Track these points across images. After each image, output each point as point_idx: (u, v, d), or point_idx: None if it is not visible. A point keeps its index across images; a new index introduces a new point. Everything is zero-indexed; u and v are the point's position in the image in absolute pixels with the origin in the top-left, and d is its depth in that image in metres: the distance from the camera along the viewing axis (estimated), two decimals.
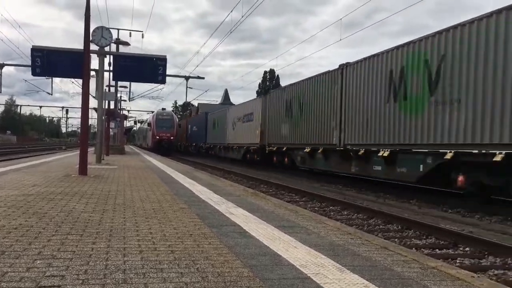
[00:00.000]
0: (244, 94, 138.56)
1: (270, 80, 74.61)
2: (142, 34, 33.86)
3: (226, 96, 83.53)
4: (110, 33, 15.47)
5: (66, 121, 69.06)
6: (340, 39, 25.47)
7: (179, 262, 3.16)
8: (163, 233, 4.12)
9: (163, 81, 15.92)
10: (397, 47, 12.39)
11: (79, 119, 11.72)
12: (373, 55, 13.59)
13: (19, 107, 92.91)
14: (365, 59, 14.03)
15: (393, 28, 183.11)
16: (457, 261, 6.01)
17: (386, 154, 12.39)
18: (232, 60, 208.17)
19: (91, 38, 13.25)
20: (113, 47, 25.29)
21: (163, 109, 45.87)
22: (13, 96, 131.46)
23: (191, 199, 6.71)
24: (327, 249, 3.73)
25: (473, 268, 5.67)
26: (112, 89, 26.78)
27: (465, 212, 10.43)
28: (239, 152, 27.51)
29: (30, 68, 15.63)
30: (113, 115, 27.35)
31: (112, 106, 26.91)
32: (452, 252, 6.48)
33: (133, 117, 76.04)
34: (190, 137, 45.73)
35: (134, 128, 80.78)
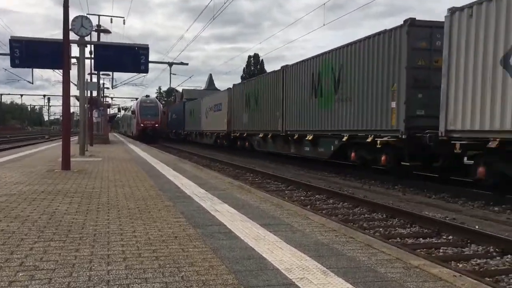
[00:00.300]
0: (229, 78, 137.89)
1: (254, 65, 74.16)
2: (124, 20, 33.10)
3: (210, 81, 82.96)
4: (90, 22, 15.21)
5: (48, 109, 68.03)
6: (324, 24, 25.70)
7: (163, 270, 3.15)
8: (148, 236, 4.10)
9: (145, 71, 15.73)
10: (316, 56, 16.08)
11: (61, 107, 11.53)
12: (302, 61, 17.30)
13: None
14: (297, 63, 17.76)
15: (377, 9, 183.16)
16: (441, 251, 6.11)
17: (310, 138, 16.14)
18: (216, 44, 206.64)
19: (70, 28, 13.03)
20: (94, 35, 24.87)
21: (147, 96, 45.47)
22: None
23: (175, 194, 6.69)
24: (312, 250, 3.75)
25: (456, 257, 5.79)
26: (94, 78, 26.43)
27: (449, 198, 10.59)
28: (211, 138, 31.39)
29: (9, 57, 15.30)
30: (96, 104, 27.00)
31: (94, 95, 26.55)
32: (436, 241, 6.58)
33: (116, 104, 75.33)
34: (170, 124, 47.64)
35: (119, 115, 79.95)
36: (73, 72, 18.17)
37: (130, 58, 15.32)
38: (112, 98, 68.90)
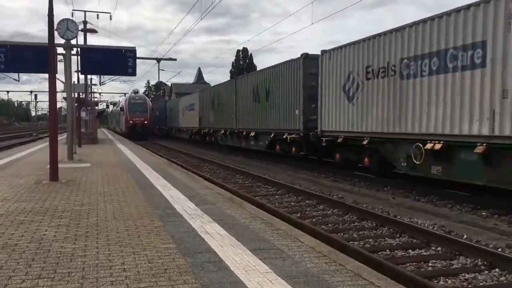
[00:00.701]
0: (218, 71, 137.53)
1: (243, 59, 73.87)
2: (110, 15, 32.79)
3: (199, 75, 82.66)
4: (76, 25, 15.01)
5: (35, 106, 67.28)
6: (312, 23, 25.85)
7: None
8: (137, 269, 4.08)
9: (133, 73, 15.59)
10: (256, 72, 23.37)
11: (48, 103, 11.41)
12: (249, 74, 24.48)
13: None
14: (246, 75, 24.43)
15: (366, 1, 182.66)
16: (430, 264, 6.17)
17: (253, 134, 21.10)
18: (205, 37, 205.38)
19: (56, 31, 12.85)
20: (80, 34, 24.55)
21: (136, 92, 45.08)
22: None
23: (165, 212, 6.66)
24: (302, 282, 3.76)
25: (444, 272, 5.85)
26: (82, 76, 26.13)
27: (437, 201, 10.70)
28: (187, 133, 36.79)
29: None
30: (84, 103, 26.76)
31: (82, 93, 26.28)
32: (425, 253, 6.65)
33: (104, 100, 74.69)
34: (154, 120, 49.99)
35: (107, 110, 79.34)
36: (61, 67, 17.82)
37: (117, 61, 15.16)
38: (100, 93, 68.37)
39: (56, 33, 12.89)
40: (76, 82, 21.89)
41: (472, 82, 9.55)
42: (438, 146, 10.33)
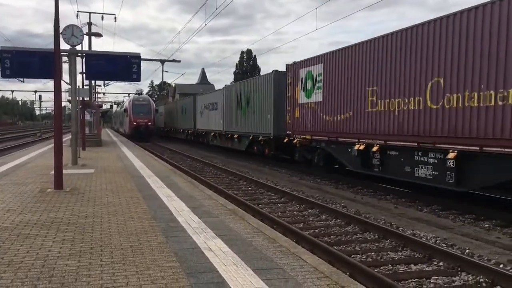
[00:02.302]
0: (222, 71, 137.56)
1: (247, 61, 73.89)
2: (115, 17, 33.15)
3: (203, 76, 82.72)
4: (81, 31, 15.08)
5: (40, 106, 67.35)
6: (316, 29, 26.68)
7: None
8: None
9: (137, 79, 15.63)
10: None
11: (53, 102, 11.46)
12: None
13: None
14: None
15: (368, 0, 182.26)
16: (432, 280, 6.20)
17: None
18: (208, 37, 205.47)
19: (61, 37, 12.91)
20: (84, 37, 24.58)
21: (139, 93, 45.23)
22: None
23: (169, 225, 6.71)
24: None
25: None
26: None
27: (440, 211, 10.72)
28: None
29: None
30: (88, 106, 26.85)
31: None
32: (427, 269, 6.67)
33: (109, 101, 74.92)
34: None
35: (112, 110, 79.53)
36: (65, 67, 17.85)
37: (122, 67, 15.20)
38: (104, 93, 68.52)
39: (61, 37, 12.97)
40: (80, 86, 21.96)
41: None
42: None
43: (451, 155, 10.24)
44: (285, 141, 18.72)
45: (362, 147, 13.39)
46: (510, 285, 5.72)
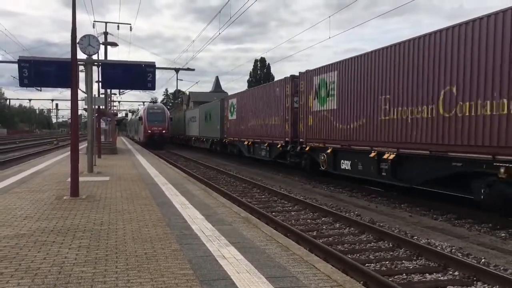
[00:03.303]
0: (236, 79, 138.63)
1: (261, 69, 74.15)
2: (130, 27, 33.35)
3: (217, 83, 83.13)
4: (98, 41, 15.38)
5: (57, 114, 68.41)
6: (329, 37, 26.20)
7: None
8: None
9: (152, 88, 15.81)
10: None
11: (69, 110, 11.65)
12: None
13: (8, 100, 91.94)
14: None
15: (382, 8, 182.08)
16: None
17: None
18: (222, 45, 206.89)
19: (78, 47, 13.12)
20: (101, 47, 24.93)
21: (154, 102, 45.69)
22: (1, 88, 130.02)
23: (183, 232, 6.76)
24: None
25: None
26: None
27: (455, 220, 10.61)
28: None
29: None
30: (103, 114, 27.15)
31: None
32: (442, 278, 6.61)
33: (124, 109, 75.62)
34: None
35: (127, 118, 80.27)
36: (81, 76, 18.13)
37: (137, 75, 15.40)
38: (119, 102, 69.27)
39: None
40: (96, 94, 22.26)
41: None
42: None
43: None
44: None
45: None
46: None
